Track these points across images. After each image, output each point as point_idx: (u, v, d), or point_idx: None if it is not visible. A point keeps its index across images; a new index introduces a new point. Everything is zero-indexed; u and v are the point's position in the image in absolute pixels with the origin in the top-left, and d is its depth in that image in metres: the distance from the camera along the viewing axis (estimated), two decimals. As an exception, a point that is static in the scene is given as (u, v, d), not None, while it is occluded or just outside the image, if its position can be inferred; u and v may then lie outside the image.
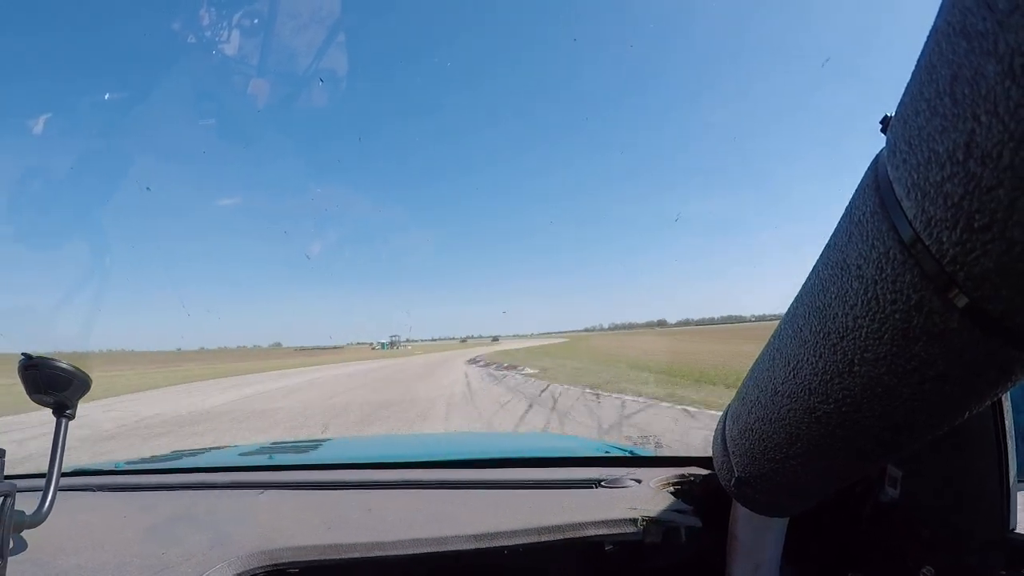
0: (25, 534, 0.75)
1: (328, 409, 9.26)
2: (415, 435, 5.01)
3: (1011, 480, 0.62)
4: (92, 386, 0.80)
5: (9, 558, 0.62)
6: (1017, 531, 0.61)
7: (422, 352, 48.65)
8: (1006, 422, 0.62)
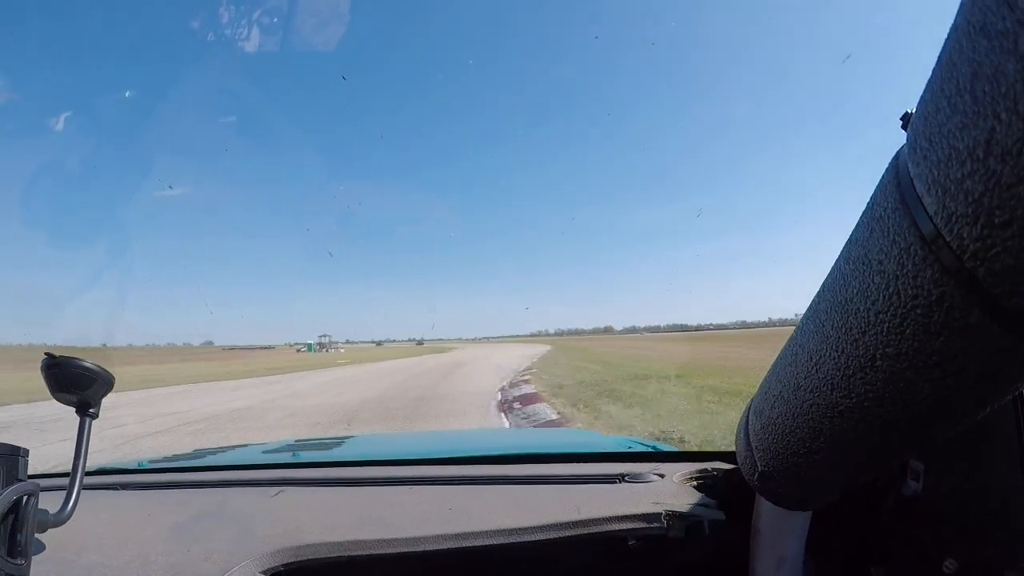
0: (49, 533, 0.76)
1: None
2: (438, 432, 5.03)
3: None
4: None
5: (33, 557, 0.63)
6: None
7: (346, 363, 34.77)
8: None
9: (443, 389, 13.54)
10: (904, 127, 0.36)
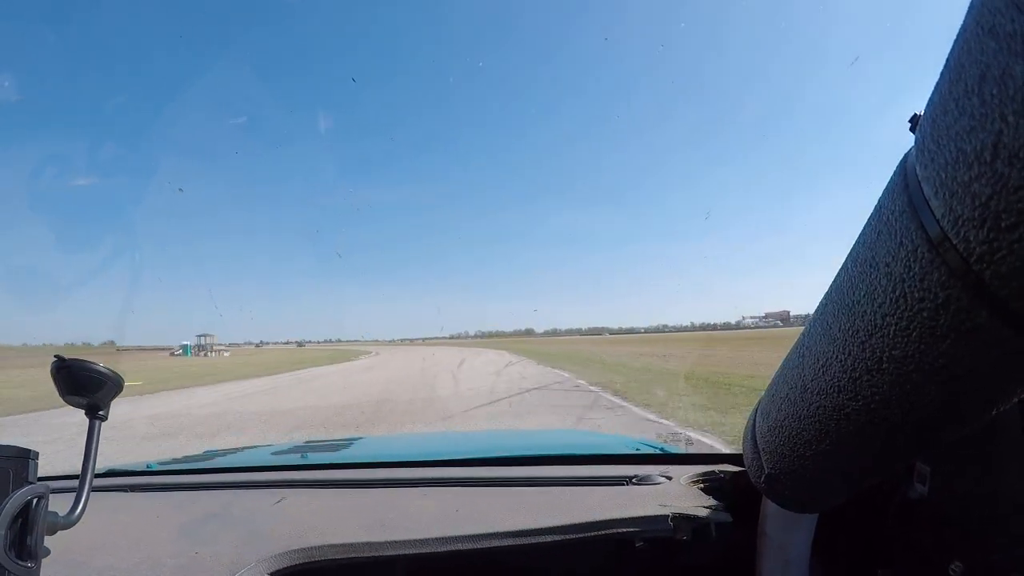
0: (59, 535, 0.77)
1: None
2: (446, 433, 5.04)
3: None
4: None
5: (43, 560, 0.63)
6: None
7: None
8: None
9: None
10: (912, 129, 0.36)
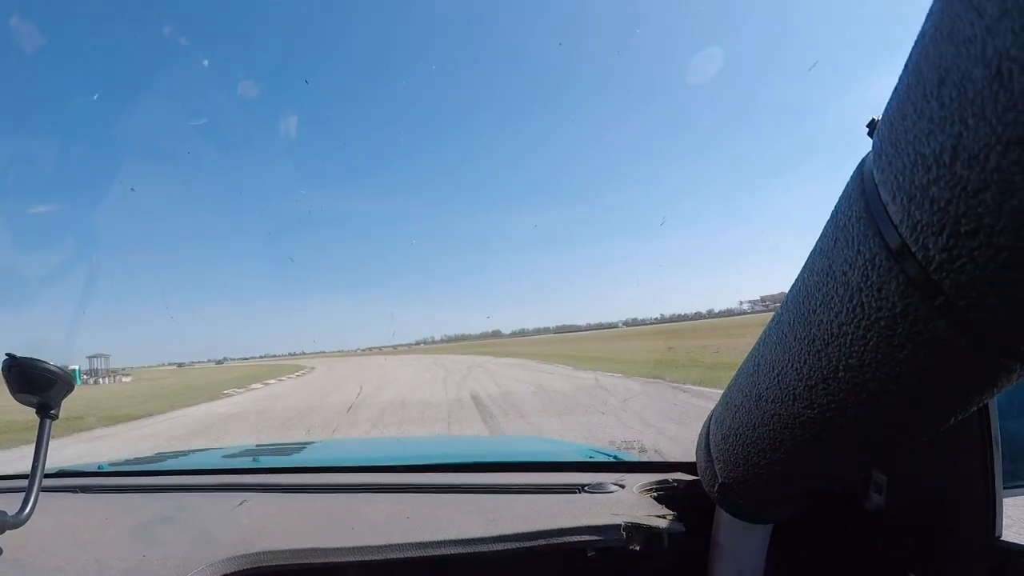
0: (6, 535, 0.76)
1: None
2: (400, 438, 5.01)
3: (997, 487, 0.62)
4: None
5: None
6: (1003, 538, 0.61)
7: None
8: (992, 428, 0.62)
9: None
10: (870, 134, 0.35)
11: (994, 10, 0.23)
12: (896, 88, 0.32)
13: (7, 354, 0.75)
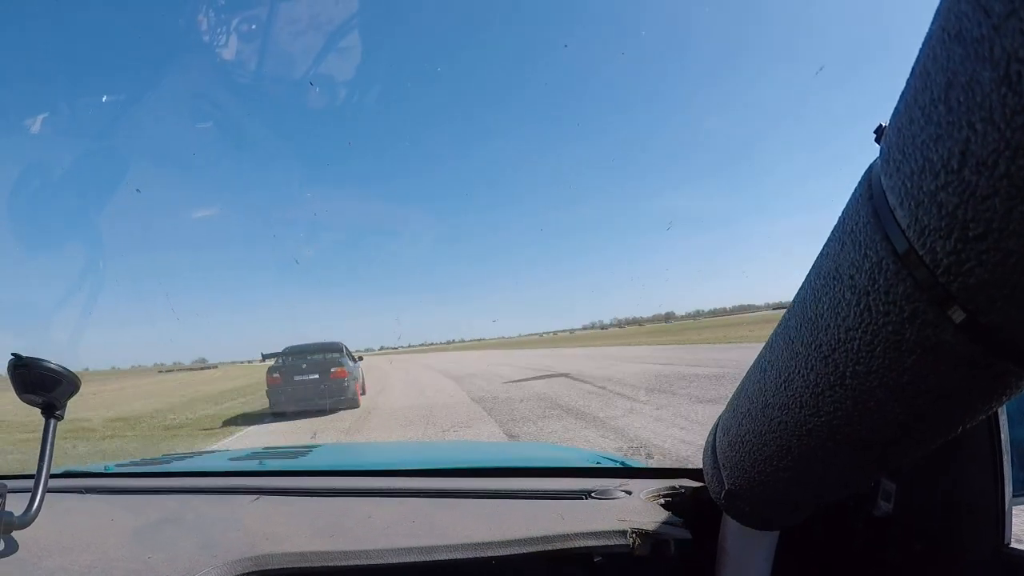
0: (12, 535, 0.76)
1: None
2: (406, 443, 5.01)
3: (1006, 495, 0.61)
4: None
5: None
6: (1012, 546, 0.60)
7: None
8: (1002, 436, 0.61)
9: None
10: (877, 140, 0.35)
11: (1002, 9, 0.23)
12: (903, 92, 0.31)
13: (12, 354, 0.75)
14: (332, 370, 10.82)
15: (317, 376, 10.78)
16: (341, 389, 10.68)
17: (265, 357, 11.77)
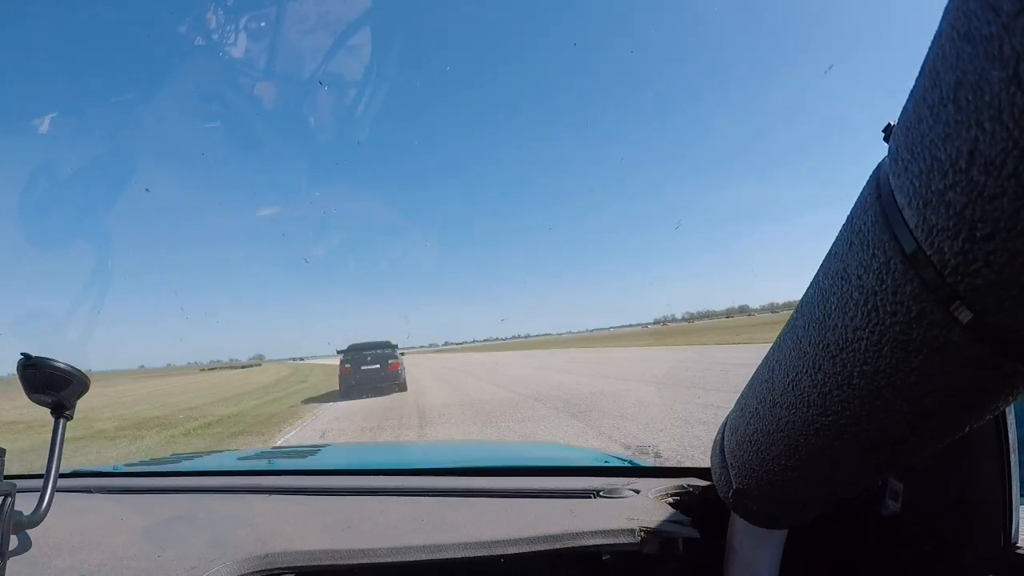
0: (21, 534, 0.77)
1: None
2: (414, 443, 5.02)
3: (1014, 495, 0.61)
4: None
5: (7, 559, 0.62)
6: (1020, 546, 0.60)
7: None
8: (1009, 436, 0.61)
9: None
10: (886, 139, 0.35)
11: (1011, 8, 0.23)
12: (912, 91, 0.31)
13: (22, 353, 0.75)
14: (389, 362, 14.53)
15: (378, 366, 14.47)
16: (395, 376, 14.48)
17: (338, 352, 15.35)
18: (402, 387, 14.31)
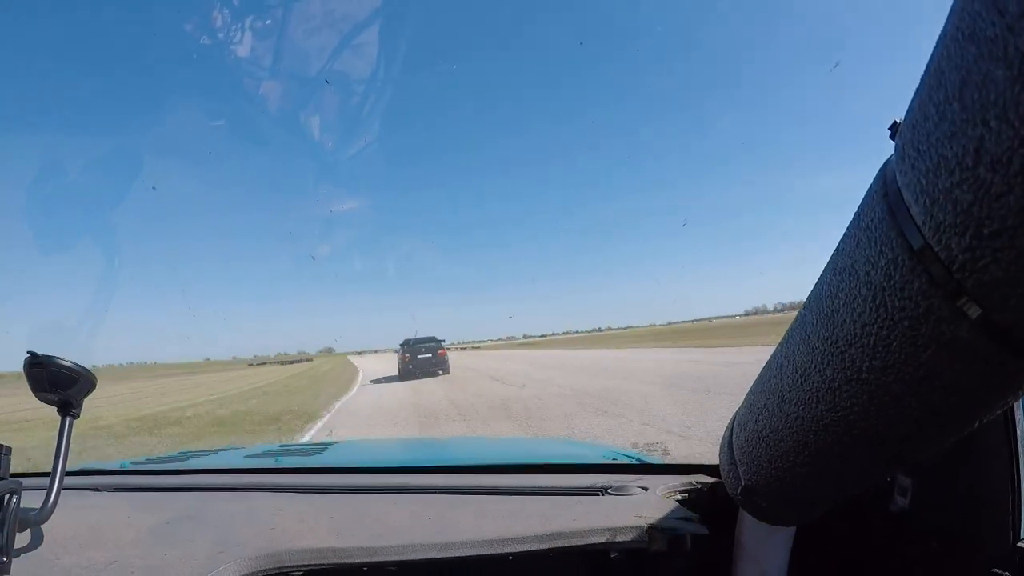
0: (29, 532, 0.77)
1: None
2: (422, 439, 5.02)
3: (1022, 490, 0.61)
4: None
5: (13, 556, 0.63)
6: None
7: None
8: (1018, 431, 0.61)
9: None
10: (892, 137, 0.35)
11: (1016, 8, 0.23)
12: (918, 90, 0.32)
13: (29, 352, 0.75)
14: (438, 351, 19.69)
15: (430, 355, 19.54)
16: (444, 362, 19.69)
17: (400, 345, 20.53)
18: (447, 371, 19.28)
